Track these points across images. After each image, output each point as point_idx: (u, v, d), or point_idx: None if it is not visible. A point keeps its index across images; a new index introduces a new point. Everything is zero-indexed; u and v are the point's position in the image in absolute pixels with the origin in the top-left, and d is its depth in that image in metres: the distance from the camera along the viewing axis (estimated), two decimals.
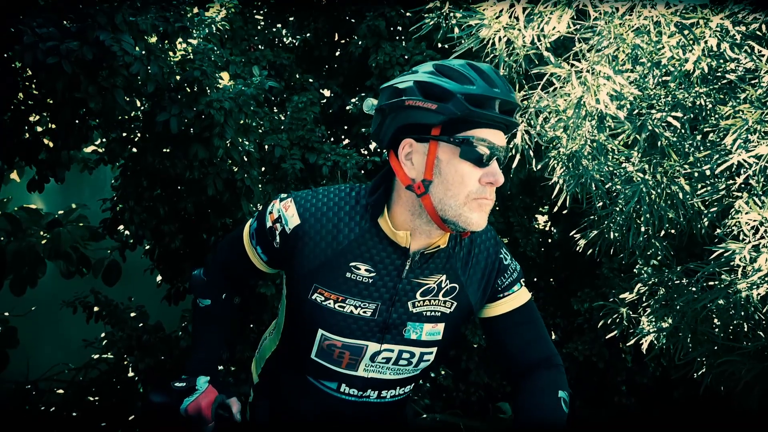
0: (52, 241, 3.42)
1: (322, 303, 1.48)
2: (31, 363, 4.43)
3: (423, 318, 1.51)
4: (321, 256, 1.47)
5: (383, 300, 1.48)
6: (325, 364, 1.56)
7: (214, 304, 1.82)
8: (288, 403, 1.73)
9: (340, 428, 1.69)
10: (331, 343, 1.51)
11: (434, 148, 1.35)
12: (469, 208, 1.35)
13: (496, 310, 1.56)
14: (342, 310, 1.48)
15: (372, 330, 1.49)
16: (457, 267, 1.52)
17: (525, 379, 1.55)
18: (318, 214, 1.47)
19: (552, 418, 1.48)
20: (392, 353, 1.52)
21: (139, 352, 3.27)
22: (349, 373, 1.55)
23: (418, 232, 1.43)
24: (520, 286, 1.57)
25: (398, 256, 1.45)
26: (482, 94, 1.32)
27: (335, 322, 1.48)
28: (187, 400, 1.72)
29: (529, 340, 1.58)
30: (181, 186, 3.09)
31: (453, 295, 1.52)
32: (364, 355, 1.52)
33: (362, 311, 1.48)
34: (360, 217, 1.46)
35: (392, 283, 1.47)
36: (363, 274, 1.47)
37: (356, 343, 1.50)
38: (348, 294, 1.47)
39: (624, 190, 2.48)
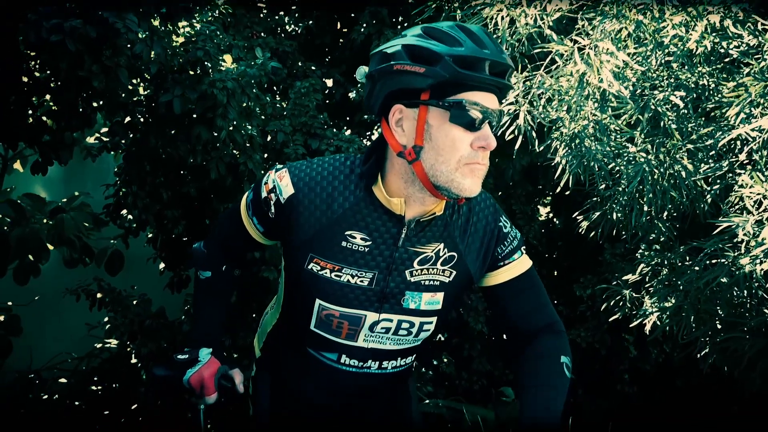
0: (55, 227, 3.42)
1: (319, 272, 1.48)
2: (34, 353, 4.44)
3: (421, 287, 1.51)
4: (316, 226, 1.47)
5: (380, 269, 1.48)
6: (325, 335, 1.56)
7: (215, 276, 1.82)
8: (288, 377, 1.74)
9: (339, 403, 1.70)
10: (329, 313, 1.51)
11: (424, 112, 1.34)
12: (461, 173, 1.34)
13: (497, 279, 1.57)
14: (339, 279, 1.48)
15: (370, 299, 1.50)
16: (456, 235, 1.52)
17: (527, 345, 1.56)
18: (312, 184, 1.47)
19: (555, 383, 1.48)
20: (391, 323, 1.52)
21: (142, 338, 3.27)
22: (349, 344, 1.55)
23: (412, 199, 1.43)
24: (521, 253, 1.58)
25: (394, 224, 1.45)
26: (471, 56, 1.30)
27: (332, 291, 1.48)
28: (190, 371, 1.72)
29: (531, 307, 1.59)
30: (184, 171, 3.10)
31: (452, 263, 1.52)
32: (363, 325, 1.52)
33: (359, 280, 1.48)
34: (354, 185, 1.46)
35: (389, 252, 1.47)
36: (359, 242, 1.46)
37: (354, 312, 1.51)
38: (344, 263, 1.47)
39: (627, 170, 2.48)
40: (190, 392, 1.74)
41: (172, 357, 1.80)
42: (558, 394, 1.46)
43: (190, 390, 1.74)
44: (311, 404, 1.71)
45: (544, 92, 2.54)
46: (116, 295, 3.55)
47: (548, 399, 1.44)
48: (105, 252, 4.34)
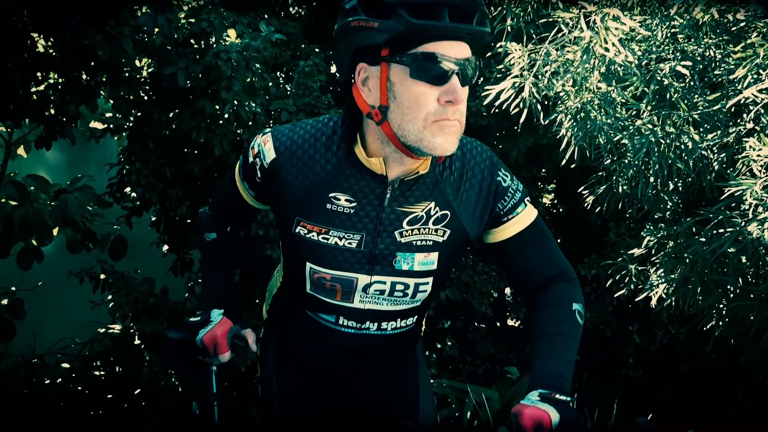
0: (58, 207, 3.42)
1: (306, 236, 1.47)
2: (37, 338, 4.44)
3: (413, 248, 1.47)
4: (300, 189, 1.45)
5: (368, 230, 1.45)
6: (321, 297, 1.55)
7: (220, 237, 1.82)
8: (292, 339, 1.73)
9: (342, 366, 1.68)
10: (321, 276, 1.50)
11: (385, 70, 1.29)
12: (430, 132, 1.29)
13: (503, 234, 1.53)
14: (326, 242, 1.46)
15: (360, 262, 1.47)
16: (447, 193, 1.47)
17: (539, 294, 1.53)
18: (293, 147, 1.45)
19: (567, 331, 1.46)
20: (385, 285, 1.50)
21: (146, 317, 3.27)
22: (345, 305, 1.54)
23: (390, 159, 1.40)
24: (525, 206, 1.53)
25: (378, 185, 1.43)
26: (426, 3, 1.22)
27: (321, 254, 1.47)
28: (202, 331, 1.73)
29: (541, 259, 1.55)
30: (188, 148, 3.09)
31: (444, 222, 1.48)
32: (356, 287, 1.50)
33: (347, 242, 1.46)
34: (337, 147, 1.44)
35: (375, 213, 1.45)
36: (343, 204, 1.44)
37: (344, 275, 1.49)
38: (330, 225, 1.45)
39: (633, 142, 2.46)
40: (203, 352, 1.74)
41: (185, 320, 1.80)
42: (571, 342, 1.44)
43: (203, 350, 1.73)
44: (314, 366, 1.71)
45: (550, 64, 2.54)
46: (119, 277, 3.54)
47: (561, 347, 1.42)
48: (108, 237, 4.33)
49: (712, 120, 2.34)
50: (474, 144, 1.53)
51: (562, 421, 1.24)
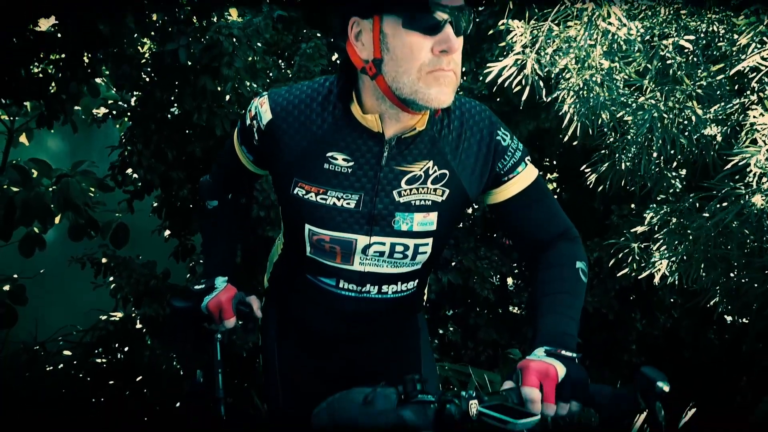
0: (60, 191, 3.42)
1: (304, 197, 1.46)
2: (39, 326, 4.43)
3: (412, 207, 1.46)
4: (297, 150, 1.45)
5: (366, 190, 1.44)
6: (321, 260, 1.54)
7: (222, 204, 1.82)
8: (293, 305, 1.72)
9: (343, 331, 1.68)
10: (320, 237, 1.49)
11: (377, 22, 1.28)
12: (425, 83, 1.28)
13: (504, 194, 1.51)
14: (324, 202, 1.45)
15: (358, 222, 1.46)
16: (446, 152, 1.46)
17: (541, 253, 1.52)
18: (289, 107, 1.45)
19: (571, 289, 1.45)
20: (384, 246, 1.49)
21: (147, 299, 3.27)
22: (345, 268, 1.53)
23: (386, 116, 1.39)
24: (525, 165, 1.51)
25: (375, 143, 1.42)
26: None
27: (319, 215, 1.46)
28: (207, 297, 1.72)
29: (542, 218, 1.54)
30: (190, 130, 3.10)
31: (443, 182, 1.47)
32: (355, 249, 1.49)
33: (345, 203, 1.45)
34: (333, 106, 1.43)
35: (372, 172, 1.44)
36: (341, 163, 1.43)
37: (343, 236, 1.48)
38: (328, 185, 1.44)
39: (636, 117, 2.46)
40: (208, 319, 1.74)
41: (189, 288, 1.80)
42: (575, 301, 1.43)
43: (208, 317, 1.73)
44: (316, 332, 1.70)
45: (552, 40, 2.53)
46: (121, 261, 3.54)
47: (566, 305, 1.41)
48: (110, 225, 4.33)
49: (715, 94, 2.34)
50: (473, 103, 1.52)
51: (568, 375, 1.23)
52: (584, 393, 1.22)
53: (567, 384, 1.22)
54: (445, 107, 1.37)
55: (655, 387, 1.14)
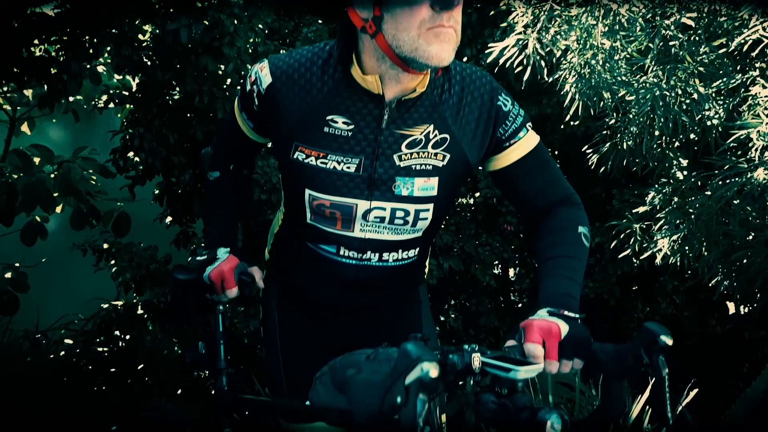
0: (62, 175, 3.42)
1: (304, 161, 1.45)
2: (40, 315, 4.44)
3: (412, 172, 1.45)
4: (297, 114, 1.44)
5: (366, 154, 1.44)
6: (321, 226, 1.54)
7: (224, 175, 1.82)
8: (293, 275, 1.72)
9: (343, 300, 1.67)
10: (320, 203, 1.48)
11: None
12: (425, 40, 1.27)
13: (505, 160, 1.51)
14: (324, 166, 1.44)
15: (359, 187, 1.46)
16: (447, 116, 1.46)
17: (543, 219, 1.52)
18: (289, 71, 1.44)
19: (573, 253, 1.45)
20: (384, 211, 1.48)
21: (149, 282, 3.27)
22: (346, 234, 1.52)
23: (387, 77, 1.38)
24: (527, 131, 1.51)
25: (375, 106, 1.41)
26: None
27: (319, 179, 1.45)
28: (209, 268, 1.71)
29: (544, 184, 1.53)
30: (191, 113, 3.10)
31: (444, 146, 1.46)
32: (356, 214, 1.48)
33: (345, 167, 1.44)
34: (333, 69, 1.43)
35: (372, 135, 1.43)
36: (341, 127, 1.43)
37: (344, 201, 1.47)
38: (328, 149, 1.44)
39: (638, 95, 2.46)
40: (210, 289, 1.73)
41: (191, 260, 1.79)
42: (578, 264, 1.42)
43: (210, 287, 1.72)
44: (317, 303, 1.69)
45: (554, 20, 2.53)
46: (123, 246, 3.55)
47: (568, 268, 1.40)
48: (111, 214, 4.33)
49: (717, 71, 2.34)
50: (473, 68, 1.52)
51: (570, 333, 1.23)
52: (587, 350, 1.22)
53: (570, 341, 1.21)
54: (445, 67, 1.37)
55: (658, 341, 1.13)
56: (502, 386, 1.07)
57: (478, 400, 1.07)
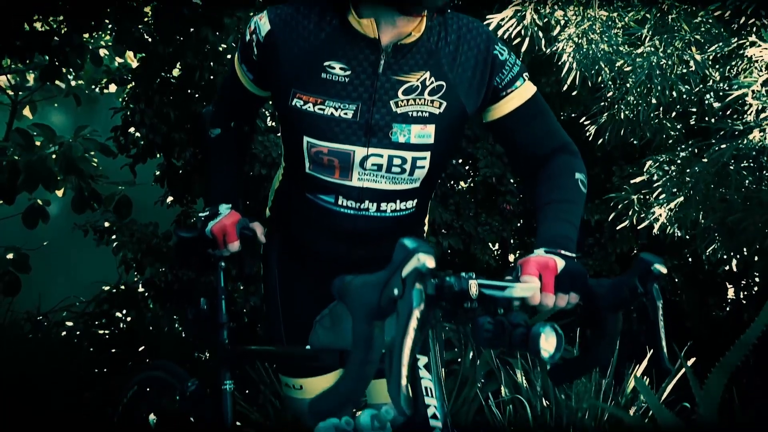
0: (63, 154, 3.45)
1: (302, 107, 1.48)
2: (42, 298, 4.46)
3: (409, 119, 1.48)
4: (295, 61, 1.47)
5: (363, 100, 1.46)
6: (320, 176, 1.55)
7: (225, 132, 1.84)
8: (293, 229, 1.74)
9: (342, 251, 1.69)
10: (318, 150, 1.50)
11: None
12: None
13: (502, 110, 1.53)
14: (322, 113, 1.47)
15: (356, 133, 1.48)
16: (443, 64, 1.48)
17: (541, 167, 1.54)
18: (288, 18, 1.47)
19: (571, 197, 1.47)
20: (382, 158, 1.50)
21: (150, 257, 3.29)
22: (344, 183, 1.54)
23: (383, 21, 1.41)
24: (523, 80, 1.52)
25: (371, 51, 1.44)
26: None
27: (317, 126, 1.48)
28: (211, 222, 1.74)
29: (542, 133, 1.55)
30: (192, 89, 3.12)
31: (440, 93, 1.48)
32: (353, 161, 1.50)
33: (342, 113, 1.46)
34: (330, 16, 1.45)
35: (369, 81, 1.45)
36: (338, 73, 1.45)
37: (341, 147, 1.49)
38: (326, 95, 1.46)
39: (635, 65, 2.48)
40: (212, 244, 1.75)
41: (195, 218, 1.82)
42: (575, 208, 1.44)
43: (212, 241, 1.74)
44: (316, 255, 1.71)
45: None
46: (124, 224, 3.58)
47: (565, 212, 1.42)
48: (113, 197, 4.35)
49: (714, 39, 2.36)
50: (470, 18, 1.54)
51: (567, 268, 1.25)
52: (583, 285, 1.24)
53: (566, 275, 1.23)
54: (441, 15, 1.40)
55: (652, 270, 1.15)
56: (498, 306, 1.09)
57: (475, 324, 1.09)
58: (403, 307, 0.85)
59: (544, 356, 1.01)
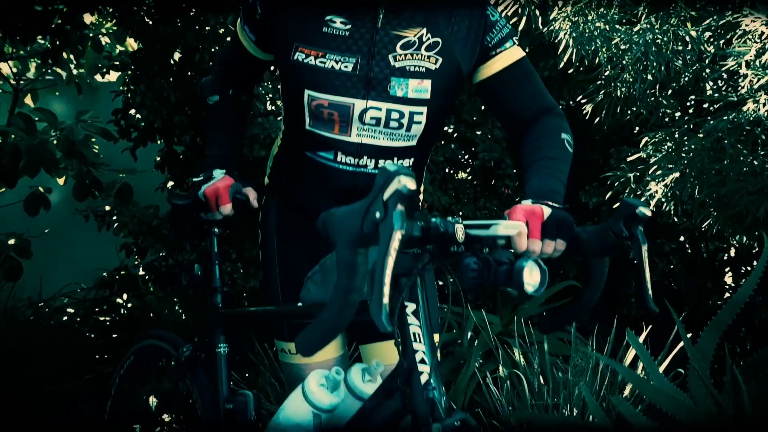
0: (65, 137, 3.47)
1: (304, 61, 1.52)
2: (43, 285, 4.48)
3: (407, 73, 1.52)
4: (297, 15, 1.53)
5: (362, 53, 1.51)
6: (319, 131, 1.59)
7: (223, 99, 1.87)
8: (291, 190, 1.76)
9: None
10: (319, 103, 1.54)
11: None
12: None
13: (491, 69, 1.58)
14: (323, 66, 1.52)
15: (356, 86, 1.52)
16: (439, 21, 1.54)
17: (527, 129, 1.57)
18: None
19: (557, 155, 1.50)
20: (380, 112, 1.54)
21: (150, 238, 3.31)
22: (343, 139, 1.58)
23: None
24: (513, 43, 1.59)
25: (371, 6, 1.50)
26: None
27: (318, 79, 1.52)
28: (204, 185, 1.76)
29: (529, 95, 1.61)
30: (192, 71, 3.15)
31: (437, 50, 1.54)
32: (353, 114, 1.55)
33: (343, 66, 1.51)
34: None
35: (369, 35, 1.50)
36: (339, 26, 1.51)
37: (341, 100, 1.53)
38: (327, 48, 1.51)
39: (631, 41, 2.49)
40: (205, 207, 1.77)
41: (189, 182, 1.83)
42: (562, 165, 1.48)
43: (205, 204, 1.76)
44: (313, 215, 1.73)
45: None
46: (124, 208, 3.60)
47: (552, 168, 1.46)
48: (114, 185, 4.37)
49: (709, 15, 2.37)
50: None
51: (553, 215, 1.27)
52: (569, 232, 1.25)
53: (552, 222, 1.25)
54: None
55: (637, 212, 1.16)
56: (483, 246, 1.11)
57: (461, 265, 1.10)
58: (385, 229, 0.86)
59: (529, 290, 1.02)
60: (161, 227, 3.29)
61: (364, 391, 1.40)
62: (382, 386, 1.28)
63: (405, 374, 1.21)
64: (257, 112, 3.27)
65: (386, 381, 1.28)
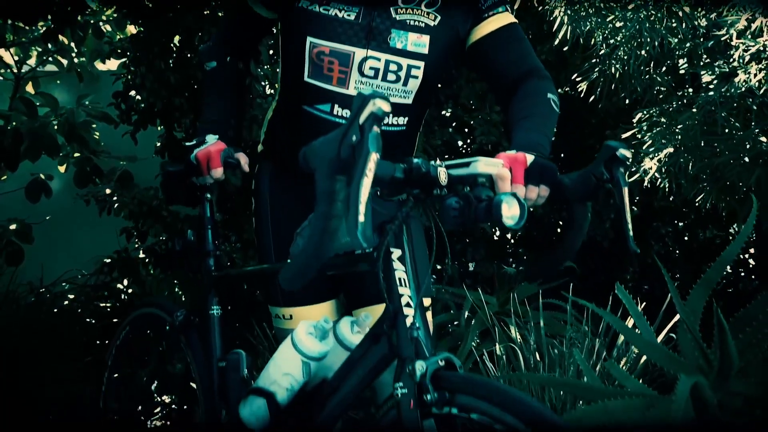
0: (66, 120, 3.50)
1: (308, 8, 1.59)
2: (44, 272, 4.51)
3: (407, 26, 1.59)
4: None
5: (365, 3, 1.57)
6: (318, 83, 1.63)
7: (220, 66, 1.89)
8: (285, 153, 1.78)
9: None
10: (320, 50, 1.59)
11: None
12: None
13: (482, 31, 1.64)
14: (327, 13, 1.58)
15: (357, 35, 1.58)
16: None
17: (515, 89, 1.60)
18: None
19: (543, 112, 1.53)
20: (379, 62, 1.59)
21: (150, 219, 3.34)
22: (340, 91, 1.62)
23: None
24: (505, 8, 1.65)
25: None
26: None
27: (321, 25, 1.58)
28: (197, 149, 1.78)
29: (516, 57, 1.66)
30: (192, 53, 3.17)
31: (436, 7, 1.61)
32: (352, 65, 1.59)
33: (346, 14, 1.57)
34: None
35: None
36: None
37: (342, 48, 1.58)
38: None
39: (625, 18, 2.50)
40: (197, 171, 1.79)
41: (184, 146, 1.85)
42: (547, 121, 1.51)
43: (197, 167, 1.78)
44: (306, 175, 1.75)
45: None
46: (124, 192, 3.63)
47: (538, 123, 1.48)
48: (114, 172, 4.40)
49: None
50: None
51: (536, 161, 1.28)
52: (552, 178, 1.27)
53: (535, 168, 1.27)
54: None
55: (617, 154, 1.18)
56: (464, 185, 1.13)
57: (443, 206, 1.12)
58: (360, 151, 0.88)
59: (508, 223, 1.04)
60: (161, 208, 3.31)
61: (353, 342, 1.42)
62: (369, 333, 1.30)
63: (391, 318, 1.23)
64: (256, 93, 3.29)
65: (373, 327, 1.30)
